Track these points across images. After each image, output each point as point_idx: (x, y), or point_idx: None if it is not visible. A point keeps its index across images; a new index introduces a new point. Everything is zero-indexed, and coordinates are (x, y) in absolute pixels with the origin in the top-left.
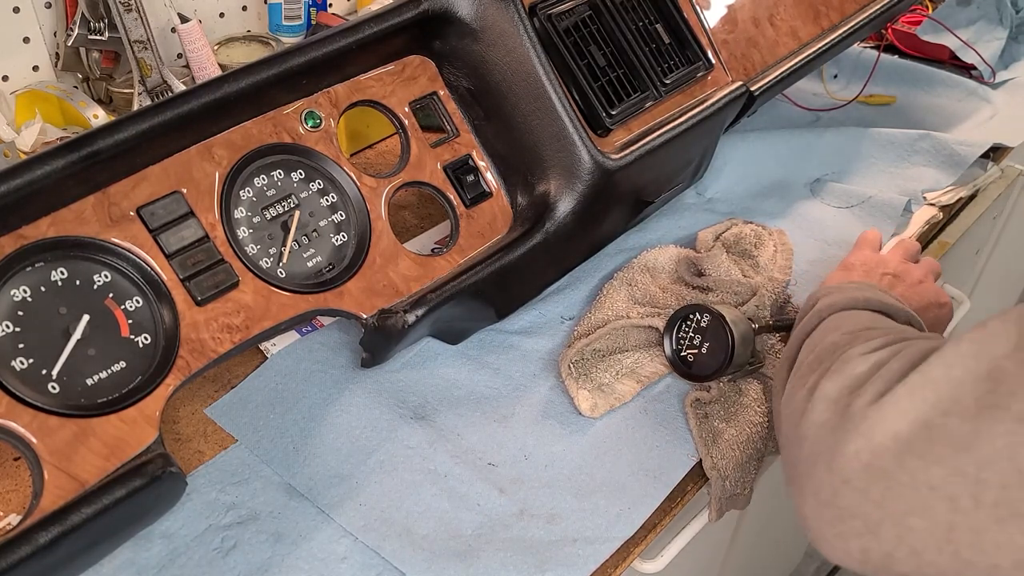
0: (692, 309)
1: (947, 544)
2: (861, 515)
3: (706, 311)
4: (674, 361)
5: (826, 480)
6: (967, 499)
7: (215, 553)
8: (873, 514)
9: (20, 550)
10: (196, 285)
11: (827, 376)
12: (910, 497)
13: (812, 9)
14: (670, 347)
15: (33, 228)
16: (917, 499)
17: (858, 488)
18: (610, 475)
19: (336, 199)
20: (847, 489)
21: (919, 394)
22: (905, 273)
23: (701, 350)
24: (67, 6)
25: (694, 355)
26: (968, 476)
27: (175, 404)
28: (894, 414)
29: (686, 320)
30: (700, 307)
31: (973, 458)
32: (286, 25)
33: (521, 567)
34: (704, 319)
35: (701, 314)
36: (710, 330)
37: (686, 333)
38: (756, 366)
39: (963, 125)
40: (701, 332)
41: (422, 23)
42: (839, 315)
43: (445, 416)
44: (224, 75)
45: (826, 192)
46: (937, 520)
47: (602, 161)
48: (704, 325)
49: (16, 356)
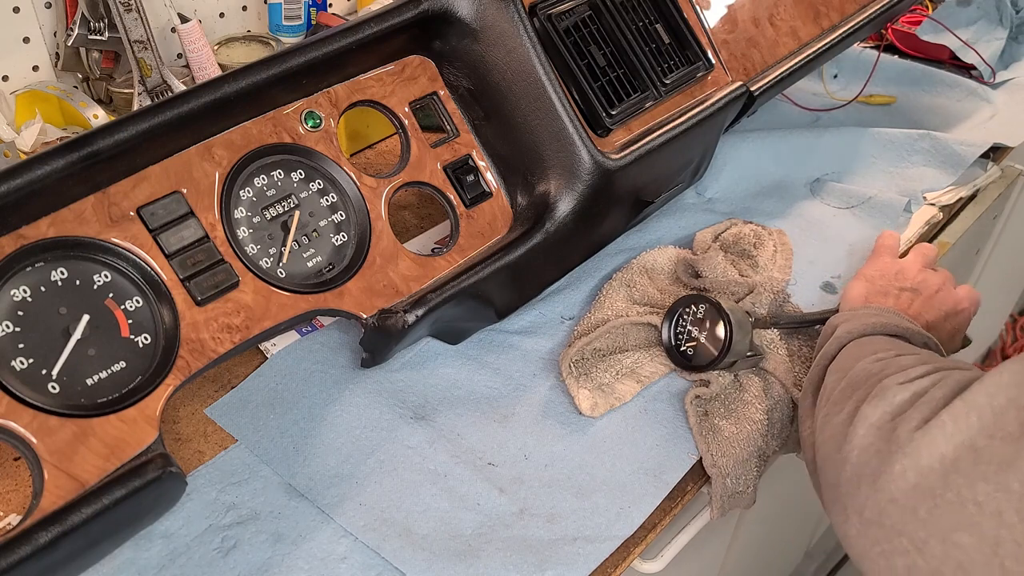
0: (690, 300)
1: (994, 557)
2: (907, 533)
3: (703, 301)
4: (671, 351)
5: (871, 499)
6: (1012, 513)
7: (215, 553)
8: (919, 532)
9: (20, 550)
10: (196, 285)
11: (867, 403)
12: (957, 513)
13: (812, 9)
14: (668, 337)
15: (33, 228)
16: (964, 515)
17: (905, 506)
18: (610, 474)
19: (336, 199)
20: (893, 508)
21: (963, 420)
22: (923, 284)
23: (700, 340)
24: (67, 6)
25: (692, 347)
26: (1013, 492)
27: (175, 404)
28: (940, 437)
29: (684, 311)
30: (697, 297)
31: (1017, 475)
32: (286, 25)
33: (521, 567)
34: (701, 310)
35: (698, 305)
36: (707, 319)
37: (684, 325)
38: (755, 358)
39: (963, 125)
40: (698, 323)
41: (422, 23)
42: (859, 342)
43: (445, 416)
44: (224, 75)
45: (826, 192)
46: (984, 535)
47: (602, 161)
48: (701, 315)
49: (16, 356)
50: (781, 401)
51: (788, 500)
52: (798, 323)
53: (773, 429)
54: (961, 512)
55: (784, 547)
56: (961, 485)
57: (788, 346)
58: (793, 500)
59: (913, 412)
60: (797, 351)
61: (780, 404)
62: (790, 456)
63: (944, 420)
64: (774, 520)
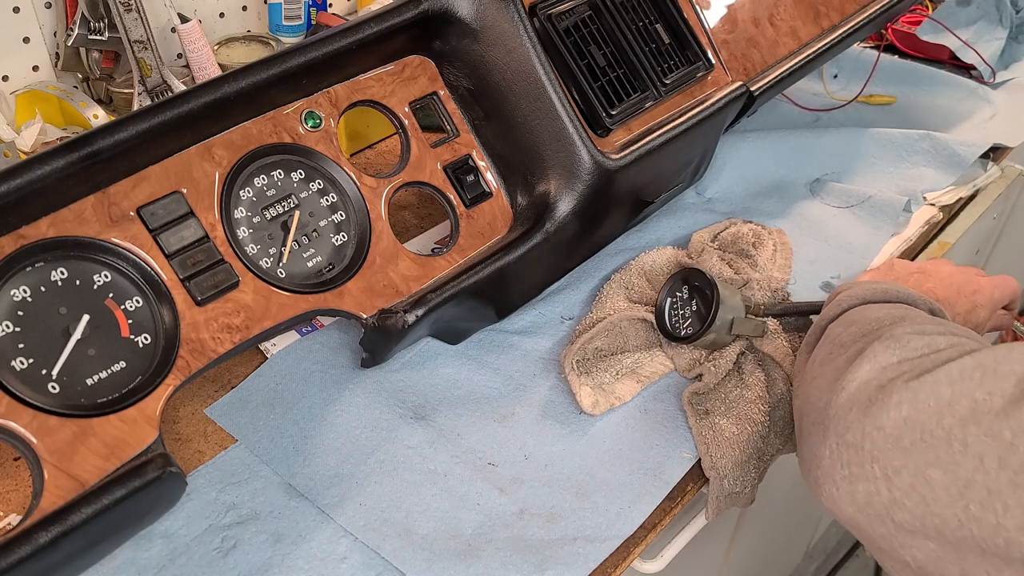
0: (690, 273)
1: (959, 499)
2: (883, 460)
3: (699, 276)
4: (659, 319)
5: (857, 423)
6: (993, 459)
7: (215, 553)
8: (895, 460)
9: (20, 550)
10: (196, 285)
11: (880, 342)
12: (940, 450)
13: (812, 9)
14: (662, 301)
15: (33, 228)
16: (946, 453)
17: (890, 435)
18: (610, 474)
19: (336, 199)
20: (878, 434)
21: (968, 372)
22: (932, 266)
23: (687, 311)
24: (67, 6)
25: (679, 317)
26: (1002, 440)
27: (175, 404)
28: (944, 382)
29: (679, 284)
30: (696, 272)
31: (1010, 424)
32: (286, 25)
33: (521, 566)
34: (696, 282)
35: (695, 278)
36: (700, 293)
37: (678, 297)
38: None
39: (963, 125)
40: (691, 295)
41: (422, 23)
42: (863, 307)
43: (445, 416)
44: (224, 75)
45: (826, 192)
46: (958, 475)
47: (602, 161)
48: (697, 284)
49: (16, 356)
50: (784, 399)
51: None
52: (793, 311)
53: (775, 429)
54: (945, 450)
55: (784, 547)
56: (952, 425)
57: (789, 337)
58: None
59: (922, 360)
60: (798, 342)
61: (783, 403)
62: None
63: (951, 368)
64: (774, 520)
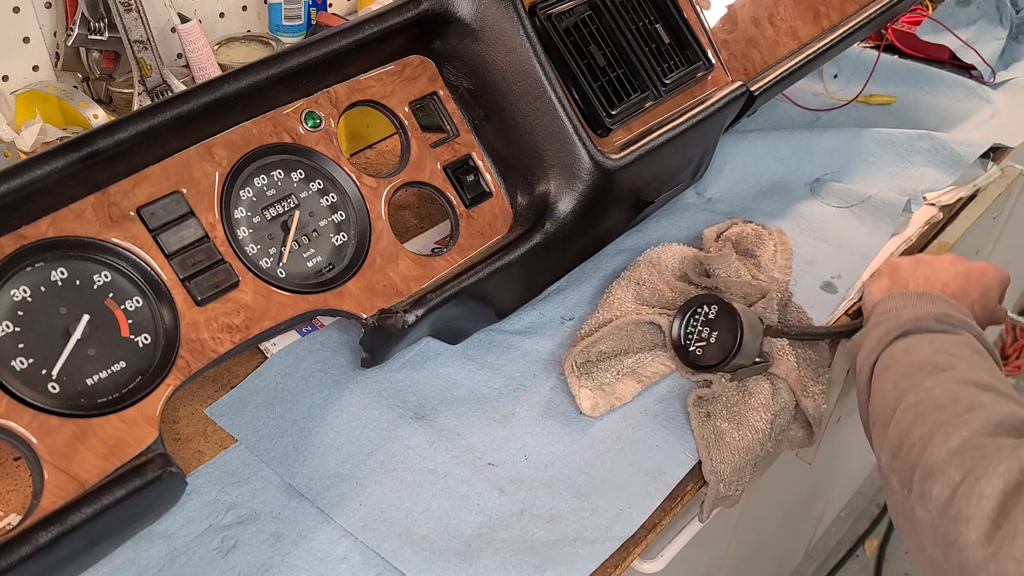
0: (703, 300)
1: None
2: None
3: (717, 302)
4: (678, 348)
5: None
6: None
7: (215, 553)
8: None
9: (20, 550)
10: (196, 285)
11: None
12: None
13: (812, 9)
14: (678, 334)
15: (33, 228)
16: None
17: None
18: (610, 475)
19: (336, 199)
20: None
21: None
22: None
23: (709, 341)
24: (67, 6)
25: (701, 347)
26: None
27: (175, 404)
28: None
29: (696, 310)
30: (711, 298)
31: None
32: (286, 25)
33: (521, 567)
34: (714, 310)
35: (711, 305)
36: (719, 320)
37: (695, 324)
38: (763, 364)
39: (963, 125)
40: (709, 324)
41: (422, 23)
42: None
43: (445, 416)
44: (224, 75)
45: (826, 192)
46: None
47: (602, 161)
48: (713, 316)
49: (16, 356)
50: (786, 408)
51: (788, 500)
52: (811, 335)
53: (773, 434)
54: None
55: (784, 547)
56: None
57: (797, 352)
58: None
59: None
60: (805, 357)
61: (784, 411)
62: (791, 456)
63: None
64: (774, 520)
